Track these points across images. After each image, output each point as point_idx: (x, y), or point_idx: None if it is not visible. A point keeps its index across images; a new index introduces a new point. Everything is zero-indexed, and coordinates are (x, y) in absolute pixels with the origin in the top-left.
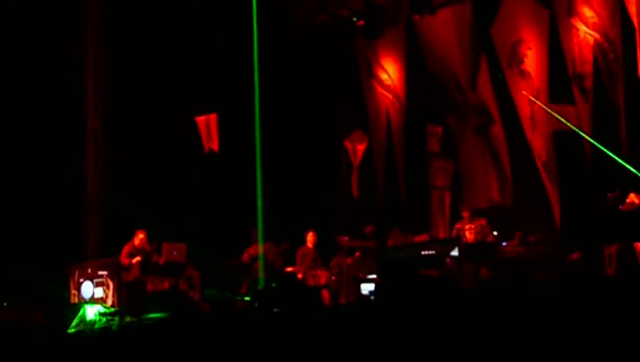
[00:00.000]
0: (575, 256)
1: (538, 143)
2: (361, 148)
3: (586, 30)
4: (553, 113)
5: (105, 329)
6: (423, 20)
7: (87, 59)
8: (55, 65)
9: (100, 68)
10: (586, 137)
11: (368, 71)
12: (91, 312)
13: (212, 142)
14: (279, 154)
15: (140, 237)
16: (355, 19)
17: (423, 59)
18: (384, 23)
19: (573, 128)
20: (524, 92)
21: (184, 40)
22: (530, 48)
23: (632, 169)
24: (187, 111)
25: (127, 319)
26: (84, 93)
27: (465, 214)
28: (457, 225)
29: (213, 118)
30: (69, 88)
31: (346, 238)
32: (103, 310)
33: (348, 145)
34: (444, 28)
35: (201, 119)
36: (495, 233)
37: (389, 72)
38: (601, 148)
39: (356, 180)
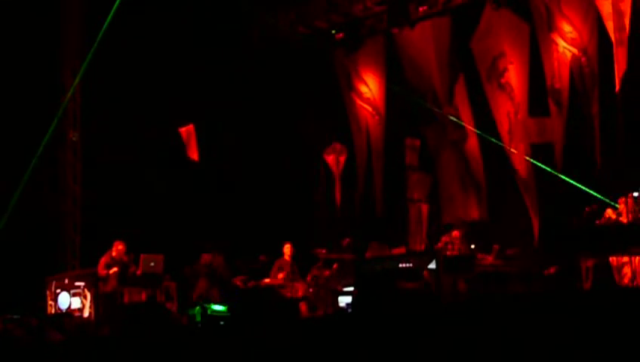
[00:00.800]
0: (552, 269)
1: (516, 157)
2: (342, 159)
3: (564, 45)
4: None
5: None
6: (402, 33)
7: (65, 69)
8: (34, 74)
9: (78, 78)
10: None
11: (348, 84)
12: None
13: (192, 152)
14: (257, 165)
15: (118, 248)
16: (333, 31)
17: (402, 73)
18: (363, 36)
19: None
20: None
21: (164, 50)
22: (511, 62)
23: (594, 193)
24: (166, 121)
25: None
26: (62, 103)
27: (456, 233)
28: (445, 238)
29: (191, 128)
30: (48, 98)
31: (323, 251)
32: None
33: (328, 157)
34: (422, 41)
35: (183, 130)
36: (472, 246)
37: (369, 84)
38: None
39: (339, 191)
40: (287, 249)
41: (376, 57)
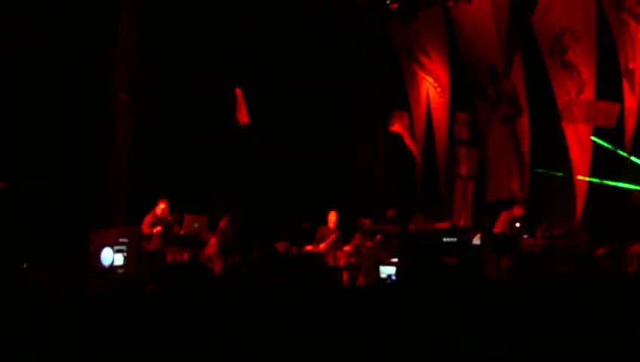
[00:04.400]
0: (600, 251)
1: (571, 136)
2: (407, 124)
3: (637, 26)
4: None
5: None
6: (459, 6)
7: (119, 30)
8: (85, 36)
9: (131, 39)
10: None
11: (408, 54)
12: None
13: (240, 115)
14: (306, 134)
15: (161, 206)
16: (388, 1)
17: (455, 46)
18: (418, 7)
19: None
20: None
21: (217, 11)
22: (577, 40)
23: None
24: (216, 83)
25: None
26: (114, 62)
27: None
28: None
29: (238, 91)
30: (99, 58)
31: (367, 221)
32: None
33: (394, 127)
34: (481, 15)
35: (239, 91)
36: (517, 225)
37: (431, 56)
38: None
39: (418, 155)
40: (331, 216)
41: (436, 28)
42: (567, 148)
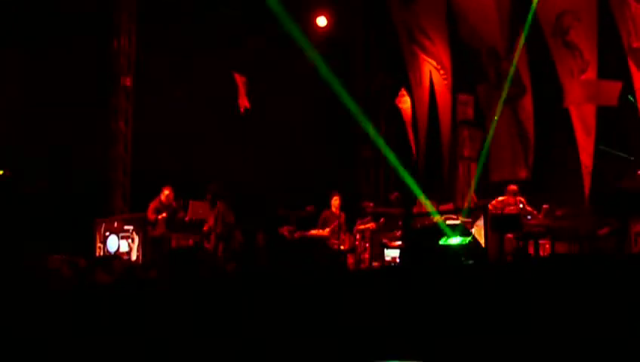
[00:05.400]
0: (604, 231)
1: (576, 117)
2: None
3: (637, 5)
4: None
5: None
6: None
7: (122, 14)
8: (87, 21)
9: (133, 24)
10: None
11: (409, 36)
12: None
13: (242, 100)
14: (308, 117)
15: (165, 193)
16: None
17: (455, 28)
18: None
19: None
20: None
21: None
22: (578, 20)
23: None
24: (219, 68)
25: None
26: (116, 48)
27: (511, 188)
28: (499, 200)
29: (243, 78)
30: (101, 44)
31: (371, 204)
32: None
33: (399, 105)
34: None
35: (237, 76)
36: (521, 205)
37: (432, 38)
38: None
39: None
40: (334, 200)
41: (436, 9)
42: (572, 129)
